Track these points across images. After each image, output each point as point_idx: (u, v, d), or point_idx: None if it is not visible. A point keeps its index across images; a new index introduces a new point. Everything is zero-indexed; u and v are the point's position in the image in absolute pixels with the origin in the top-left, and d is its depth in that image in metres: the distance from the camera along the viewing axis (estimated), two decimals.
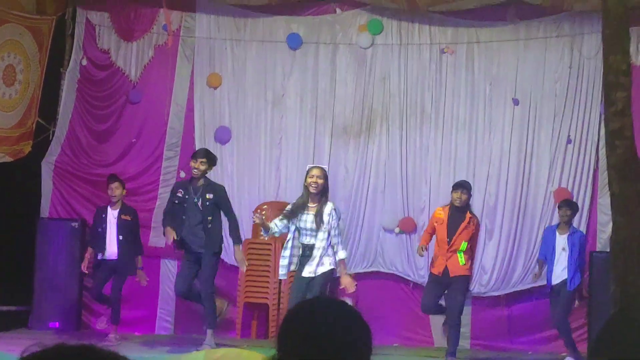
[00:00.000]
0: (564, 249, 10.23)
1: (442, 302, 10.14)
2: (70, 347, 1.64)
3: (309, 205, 9.27)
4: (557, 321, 10.22)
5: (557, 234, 10.38)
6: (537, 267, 10.68)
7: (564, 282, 10.19)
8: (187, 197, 9.95)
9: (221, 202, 10.00)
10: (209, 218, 9.90)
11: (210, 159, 10.03)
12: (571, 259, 10.19)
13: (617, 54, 4.20)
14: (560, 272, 10.23)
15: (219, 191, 10.04)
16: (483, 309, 11.43)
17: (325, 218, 9.18)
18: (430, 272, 10.14)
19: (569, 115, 11.37)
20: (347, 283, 9.28)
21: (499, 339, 11.36)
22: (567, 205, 10.48)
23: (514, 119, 11.51)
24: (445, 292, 10.02)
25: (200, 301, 10.04)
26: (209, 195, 9.91)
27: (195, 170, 9.93)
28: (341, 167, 11.80)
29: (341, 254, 9.23)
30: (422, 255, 10.25)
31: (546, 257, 10.42)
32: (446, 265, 9.83)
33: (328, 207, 9.23)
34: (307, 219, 9.23)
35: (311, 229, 9.22)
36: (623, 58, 4.20)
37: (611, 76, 4.19)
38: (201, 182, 9.96)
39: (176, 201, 10.02)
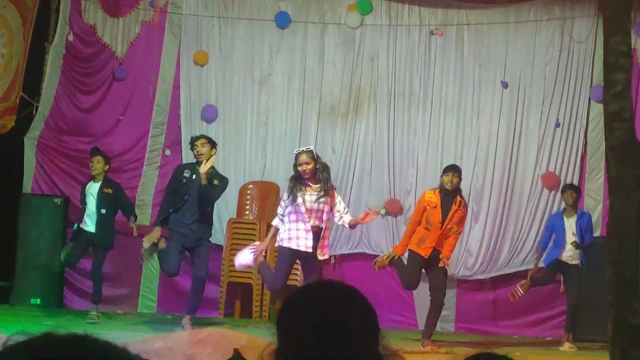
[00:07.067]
0: (573, 233, 10.17)
1: None
2: (60, 337, 1.44)
3: (311, 185, 8.88)
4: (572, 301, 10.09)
5: (564, 218, 10.32)
6: (536, 258, 10.59)
7: (575, 265, 10.10)
8: (193, 178, 9.56)
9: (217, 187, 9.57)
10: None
11: (211, 140, 9.69)
12: (581, 241, 10.15)
13: (617, 35, 4.12)
14: (567, 255, 10.16)
15: (223, 180, 9.65)
16: (468, 293, 11.42)
17: (337, 201, 8.97)
18: (415, 252, 9.59)
19: (558, 99, 11.34)
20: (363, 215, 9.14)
21: (484, 323, 11.34)
22: (572, 188, 10.44)
23: (503, 102, 11.47)
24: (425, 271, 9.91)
25: None
26: (215, 182, 9.48)
27: (200, 156, 9.42)
28: (328, 148, 11.71)
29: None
30: (383, 267, 9.79)
31: (558, 242, 10.26)
32: (434, 248, 9.61)
33: (338, 196, 9.07)
34: (311, 199, 8.84)
35: (317, 210, 8.88)
36: (623, 39, 4.12)
37: (611, 57, 4.12)
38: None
39: (183, 181, 9.63)
